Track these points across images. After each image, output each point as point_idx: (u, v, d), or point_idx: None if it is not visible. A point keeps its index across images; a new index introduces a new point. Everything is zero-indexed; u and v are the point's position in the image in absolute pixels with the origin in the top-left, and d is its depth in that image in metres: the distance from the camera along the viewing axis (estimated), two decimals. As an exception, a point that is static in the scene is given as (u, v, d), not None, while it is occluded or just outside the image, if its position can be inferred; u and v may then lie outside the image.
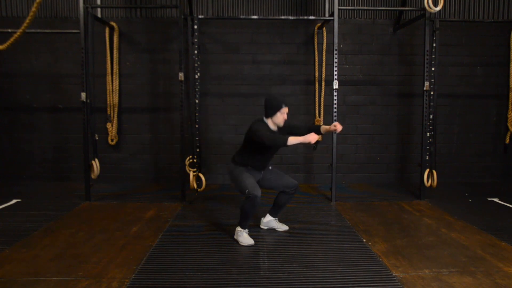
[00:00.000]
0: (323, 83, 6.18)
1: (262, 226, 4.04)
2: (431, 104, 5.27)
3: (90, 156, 5.17)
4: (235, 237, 3.68)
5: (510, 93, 6.14)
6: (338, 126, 3.66)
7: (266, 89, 6.27)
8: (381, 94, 6.36)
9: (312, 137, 3.28)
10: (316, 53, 6.20)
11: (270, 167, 3.86)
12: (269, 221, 4.01)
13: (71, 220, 4.32)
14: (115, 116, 6.16)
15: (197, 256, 3.30)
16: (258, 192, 3.44)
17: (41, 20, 6.07)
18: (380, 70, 6.33)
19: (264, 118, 3.62)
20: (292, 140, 3.30)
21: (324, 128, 3.74)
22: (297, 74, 6.30)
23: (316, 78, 6.24)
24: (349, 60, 6.29)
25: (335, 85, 5.04)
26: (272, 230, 3.98)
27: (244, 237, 3.60)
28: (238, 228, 3.66)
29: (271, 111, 3.55)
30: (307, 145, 6.33)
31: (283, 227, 4.00)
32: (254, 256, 3.30)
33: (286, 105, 3.56)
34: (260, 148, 3.56)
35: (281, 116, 3.55)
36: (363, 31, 6.29)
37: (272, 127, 3.62)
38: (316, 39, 6.18)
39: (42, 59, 6.20)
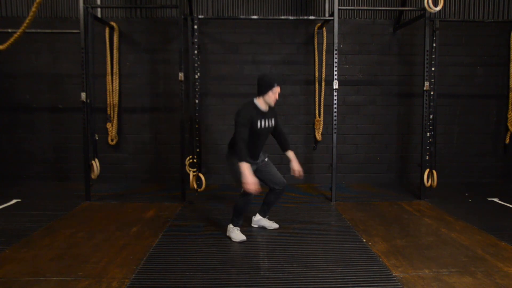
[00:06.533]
0: (323, 83, 6.18)
1: (253, 225, 4.07)
2: (431, 104, 5.27)
3: (90, 156, 5.17)
4: (227, 234, 3.74)
5: (510, 93, 6.14)
6: (296, 172, 3.76)
7: (266, 89, 6.26)
8: (381, 94, 6.36)
9: (248, 184, 3.23)
10: (316, 53, 6.20)
11: (266, 159, 3.84)
12: (259, 219, 4.04)
13: (71, 220, 4.32)
14: (115, 116, 6.16)
15: (197, 256, 3.30)
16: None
17: (41, 20, 6.07)
18: (380, 70, 6.33)
19: (255, 98, 3.57)
20: (243, 166, 3.28)
21: (292, 156, 3.82)
22: (297, 74, 6.30)
23: (316, 78, 6.24)
24: (349, 60, 6.29)
25: (335, 85, 5.04)
26: (270, 230, 3.98)
27: (236, 234, 3.66)
28: (230, 226, 3.71)
29: (263, 90, 3.50)
30: (307, 144, 6.35)
31: (273, 225, 4.03)
32: (254, 256, 3.30)
33: (279, 84, 3.51)
34: (249, 136, 3.51)
35: (273, 96, 3.51)
36: (363, 31, 6.29)
37: (263, 107, 3.56)
38: (316, 39, 6.18)
39: (42, 59, 6.20)
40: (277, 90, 3.51)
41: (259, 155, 3.76)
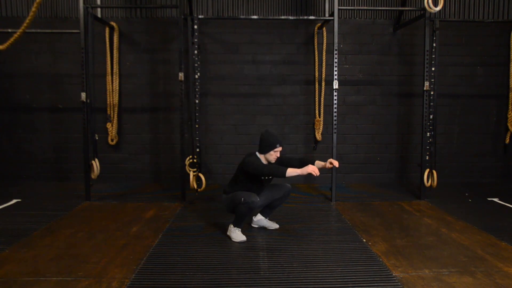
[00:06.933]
0: (323, 83, 6.18)
1: (253, 225, 4.08)
2: (431, 104, 5.27)
3: (90, 156, 5.17)
4: (228, 233, 3.75)
5: (510, 93, 6.14)
6: (335, 163, 3.67)
7: (266, 89, 6.27)
8: (381, 94, 6.36)
9: (311, 169, 3.30)
10: (316, 53, 6.20)
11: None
12: (260, 219, 4.05)
13: (71, 220, 4.32)
14: (115, 116, 6.16)
15: (197, 256, 3.30)
16: (255, 198, 3.52)
17: (41, 20, 6.07)
18: (380, 70, 6.33)
19: (257, 153, 3.71)
20: (291, 172, 3.35)
21: (319, 163, 3.73)
22: (297, 74, 6.30)
23: (316, 78, 6.24)
24: (349, 60, 6.29)
25: (335, 85, 5.04)
26: (270, 230, 3.98)
27: (236, 234, 3.67)
28: (232, 226, 3.72)
29: (266, 149, 3.63)
30: (307, 144, 6.35)
31: (273, 226, 4.04)
32: (254, 256, 3.30)
33: (281, 145, 3.64)
34: (254, 180, 3.64)
35: (274, 154, 3.65)
36: (363, 31, 6.29)
37: (264, 161, 3.70)
38: (316, 39, 6.18)
39: (42, 59, 6.20)
40: (278, 149, 3.65)
41: (259, 195, 3.83)
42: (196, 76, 5.39)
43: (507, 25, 6.20)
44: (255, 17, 5.58)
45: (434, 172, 5.29)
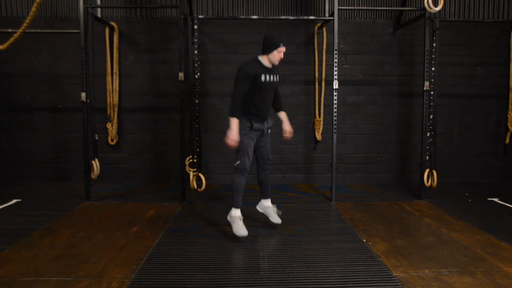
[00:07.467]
0: (323, 83, 6.18)
1: (258, 208, 4.09)
2: (431, 104, 5.27)
3: (90, 156, 5.17)
4: (228, 218, 3.75)
5: (510, 93, 6.14)
6: (288, 136, 3.99)
7: (266, 89, 6.27)
8: (381, 94, 6.36)
9: (231, 141, 3.50)
10: (316, 53, 6.20)
11: (269, 130, 3.90)
12: (267, 206, 4.02)
13: (71, 220, 4.32)
14: (115, 116, 6.16)
15: (197, 256, 3.30)
16: (247, 165, 3.65)
17: (41, 20, 6.07)
18: (380, 70, 6.33)
19: (260, 56, 3.68)
20: (231, 120, 3.53)
21: (282, 116, 4.00)
22: (297, 74, 6.29)
23: (316, 78, 6.24)
24: (349, 60, 6.28)
25: (335, 85, 5.04)
26: (270, 230, 3.98)
27: (238, 226, 3.63)
28: (232, 212, 3.71)
29: (269, 49, 3.61)
30: (307, 144, 6.35)
31: (276, 218, 4.00)
32: (254, 256, 3.30)
33: (284, 45, 3.63)
34: (255, 91, 3.65)
35: (277, 55, 3.63)
36: (363, 31, 6.28)
37: (267, 64, 3.67)
38: (316, 39, 6.18)
39: (42, 59, 6.19)
40: (282, 49, 3.63)
41: (267, 116, 3.81)
42: (196, 76, 5.39)
43: (507, 25, 6.20)
44: (255, 17, 5.58)
45: (434, 172, 5.29)
